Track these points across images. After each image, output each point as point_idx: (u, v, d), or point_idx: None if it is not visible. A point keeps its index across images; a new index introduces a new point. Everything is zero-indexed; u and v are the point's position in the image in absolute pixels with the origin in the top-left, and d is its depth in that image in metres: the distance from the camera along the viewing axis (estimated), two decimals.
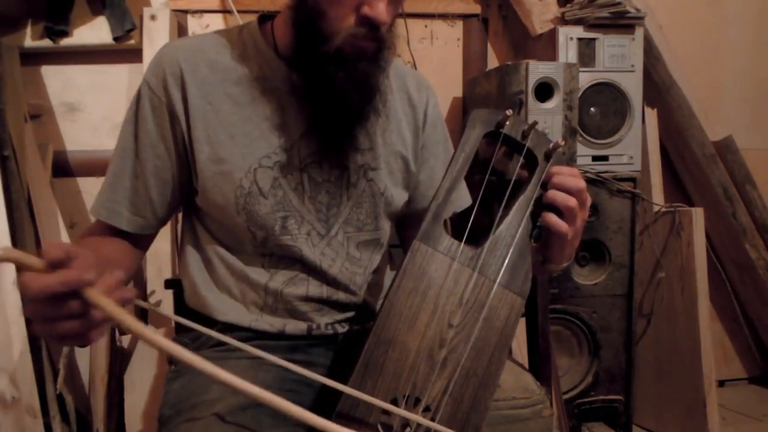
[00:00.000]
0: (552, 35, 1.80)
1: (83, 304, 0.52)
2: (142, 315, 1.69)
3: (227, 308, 0.86)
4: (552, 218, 0.71)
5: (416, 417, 0.64)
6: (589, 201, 0.75)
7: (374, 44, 0.75)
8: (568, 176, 0.72)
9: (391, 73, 0.92)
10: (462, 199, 0.95)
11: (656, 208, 1.96)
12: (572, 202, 0.71)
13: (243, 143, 0.81)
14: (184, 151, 0.82)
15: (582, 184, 0.72)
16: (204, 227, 0.87)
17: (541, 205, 0.73)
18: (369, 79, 0.77)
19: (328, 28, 0.73)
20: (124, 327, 0.52)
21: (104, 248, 0.81)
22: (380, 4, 0.71)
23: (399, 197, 0.91)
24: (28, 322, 1.46)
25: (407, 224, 0.99)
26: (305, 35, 0.76)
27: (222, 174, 0.80)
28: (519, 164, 0.75)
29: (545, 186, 0.73)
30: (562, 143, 0.74)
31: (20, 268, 0.52)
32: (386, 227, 0.92)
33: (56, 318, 0.52)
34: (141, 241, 0.88)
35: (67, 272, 0.51)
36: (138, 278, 1.73)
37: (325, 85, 0.76)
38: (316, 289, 0.85)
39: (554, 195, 0.71)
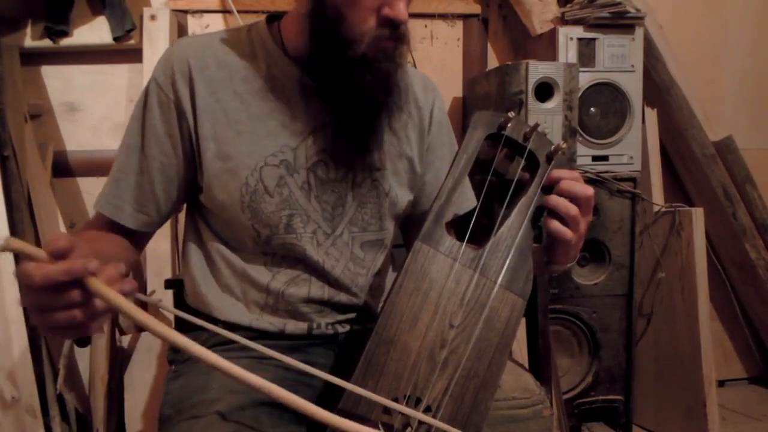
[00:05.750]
0: (552, 35, 1.80)
1: (84, 293, 0.51)
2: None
3: (228, 307, 0.86)
4: (556, 226, 0.71)
5: (418, 414, 0.64)
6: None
7: (395, 43, 0.76)
8: (576, 182, 0.72)
9: None
10: (466, 201, 0.95)
11: (656, 208, 1.96)
12: (573, 210, 0.71)
13: (250, 141, 0.81)
14: (191, 148, 0.82)
15: (590, 191, 0.72)
16: (207, 225, 0.87)
17: (543, 207, 0.73)
18: (391, 76, 0.78)
19: (350, 33, 0.73)
20: (127, 316, 0.51)
21: (101, 243, 0.80)
22: (400, 4, 0.71)
23: (404, 198, 0.91)
24: (29, 322, 1.46)
25: (412, 225, 0.99)
26: (325, 40, 0.76)
27: (228, 171, 0.80)
28: (520, 166, 0.75)
29: (546, 189, 0.73)
30: (564, 146, 0.74)
31: (22, 257, 0.51)
32: (390, 228, 0.92)
33: (56, 308, 0.52)
34: (140, 239, 0.88)
35: (71, 261, 0.51)
36: (138, 278, 1.73)
37: (350, 88, 0.76)
38: (317, 290, 0.85)
39: (556, 202, 0.71)
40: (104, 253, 0.76)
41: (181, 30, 1.81)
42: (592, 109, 1.78)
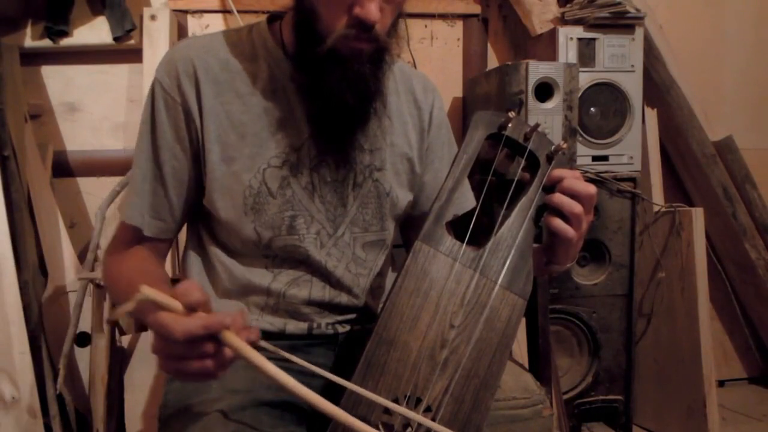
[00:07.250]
0: (552, 35, 1.80)
1: (216, 344, 0.55)
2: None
3: (227, 309, 0.85)
4: (559, 223, 0.71)
5: (417, 417, 0.64)
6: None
7: (369, 45, 0.74)
8: (578, 181, 0.71)
9: (398, 75, 0.92)
10: (466, 201, 0.95)
11: (656, 208, 1.96)
12: (578, 208, 0.70)
13: (253, 143, 0.80)
14: (198, 149, 0.82)
15: (592, 189, 0.71)
16: (207, 230, 0.87)
17: (543, 207, 0.73)
18: (365, 80, 0.76)
19: (323, 29, 0.73)
20: (259, 369, 0.55)
21: (155, 267, 0.81)
22: (371, 4, 0.70)
23: (404, 198, 0.91)
24: (29, 322, 1.46)
25: (412, 226, 0.99)
26: (303, 36, 0.76)
27: (232, 174, 0.80)
28: (521, 166, 0.75)
29: (547, 189, 0.73)
30: (564, 146, 0.74)
31: (156, 307, 0.55)
32: (391, 228, 0.92)
33: (190, 357, 0.55)
34: (159, 247, 0.87)
35: (210, 318, 0.55)
36: None
37: (321, 85, 0.76)
38: (319, 291, 0.85)
39: (560, 200, 0.71)
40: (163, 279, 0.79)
41: (181, 30, 1.81)
42: (592, 109, 1.79)
